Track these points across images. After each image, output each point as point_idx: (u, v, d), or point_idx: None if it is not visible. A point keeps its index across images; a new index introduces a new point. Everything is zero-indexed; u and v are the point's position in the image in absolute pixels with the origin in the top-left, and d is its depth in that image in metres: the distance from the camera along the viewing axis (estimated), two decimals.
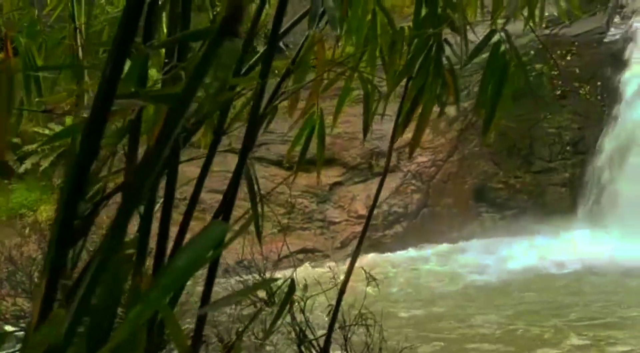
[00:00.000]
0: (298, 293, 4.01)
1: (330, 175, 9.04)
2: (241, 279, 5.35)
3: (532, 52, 9.90)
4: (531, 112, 9.97)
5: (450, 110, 10.44)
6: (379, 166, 9.29)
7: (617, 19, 9.95)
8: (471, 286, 6.91)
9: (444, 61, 1.32)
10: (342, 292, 1.62)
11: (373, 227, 8.93)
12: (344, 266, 7.17)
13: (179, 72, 0.72)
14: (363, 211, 8.81)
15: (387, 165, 4.30)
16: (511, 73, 1.29)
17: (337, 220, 8.81)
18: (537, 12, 1.60)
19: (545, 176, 9.91)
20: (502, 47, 1.19)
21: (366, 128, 1.64)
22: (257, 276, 5.31)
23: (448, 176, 9.61)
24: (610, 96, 9.57)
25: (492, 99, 1.28)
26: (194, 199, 1.04)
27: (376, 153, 9.39)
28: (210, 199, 9.08)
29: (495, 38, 1.22)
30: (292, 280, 1.21)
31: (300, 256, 8.21)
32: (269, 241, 8.83)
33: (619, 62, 9.51)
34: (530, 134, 10.05)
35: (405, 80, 1.45)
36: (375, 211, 9.87)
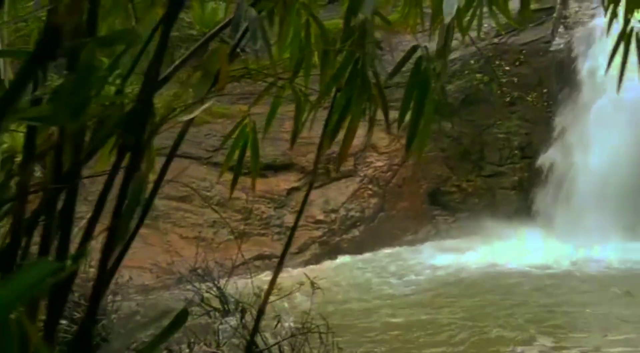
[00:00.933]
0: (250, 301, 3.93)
1: (287, 180, 8.99)
2: (195, 288, 5.19)
3: (481, 60, 10.28)
4: (482, 118, 10.32)
5: (407, 116, 10.52)
6: (336, 171, 9.31)
7: (561, 29, 10.44)
8: (423, 287, 6.99)
9: (375, 74, 1.32)
10: (261, 312, 1.59)
11: (331, 232, 8.94)
12: (300, 270, 7.09)
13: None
14: (320, 216, 8.81)
15: (315, 171, 4.29)
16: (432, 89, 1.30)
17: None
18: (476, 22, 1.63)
19: (496, 179, 10.24)
20: (423, 65, 1.21)
21: (294, 136, 1.66)
22: (211, 285, 5.18)
23: (403, 180, 9.76)
24: (555, 102, 10.01)
25: (413, 116, 1.28)
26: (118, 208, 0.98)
27: (334, 157, 9.41)
28: (164, 206, 8.78)
29: (418, 53, 1.23)
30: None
31: (258, 262, 8.09)
32: (224, 248, 8.69)
33: (563, 71, 9.97)
34: (482, 140, 10.37)
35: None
36: (333, 216, 9.85)
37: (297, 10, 1.41)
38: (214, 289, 5.06)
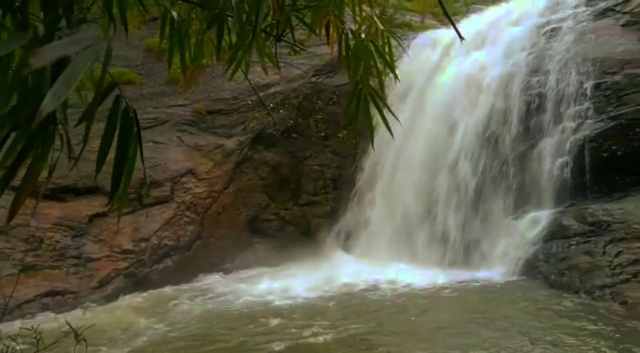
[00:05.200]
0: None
1: (91, 205, 8.01)
2: None
3: (300, 96, 10.92)
4: (300, 149, 10.89)
5: (228, 143, 10.54)
6: (149, 196, 8.68)
7: None
8: (228, 316, 6.69)
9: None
10: None
11: (140, 262, 8.22)
12: (100, 308, 6.27)
13: None
14: (129, 246, 8.03)
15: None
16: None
17: (96, 256, 7.79)
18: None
19: (311, 208, 10.81)
20: (122, 104, 1.20)
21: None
22: None
23: (223, 207, 9.60)
24: (364, 140, 11.08)
25: (117, 157, 1.25)
26: None
27: (147, 182, 8.77)
28: None
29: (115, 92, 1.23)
30: None
31: (47, 299, 6.94)
32: (5, 284, 7.25)
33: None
34: (299, 170, 10.89)
35: None
36: (143, 245, 9.09)
37: None
38: None
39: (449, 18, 1.86)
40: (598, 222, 7.36)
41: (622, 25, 8.95)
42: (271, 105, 10.48)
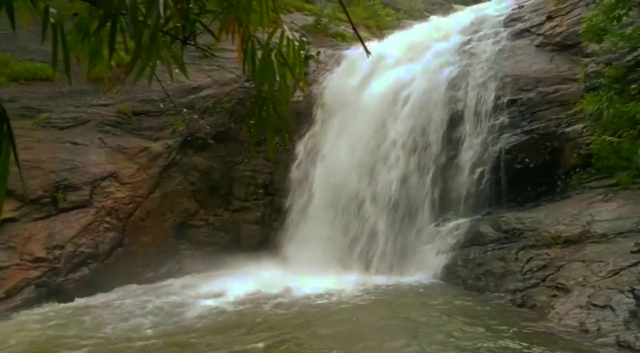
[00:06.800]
0: None
1: None
2: None
3: (233, 100, 10.78)
4: (232, 155, 10.73)
5: (155, 146, 10.19)
6: (66, 200, 8.16)
7: (301, 83, 11.82)
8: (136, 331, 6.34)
9: None
10: None
11: (53, 271, 7.69)
12: (8, 322, 5.79)
13: None
14: (41, 253, 7.49)
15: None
16: None
17: (4, 264, 7.20)
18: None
19: (241, 214, 10.65)
20: None
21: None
22: None
23: (147, 213, 9.22)
24: (296, 147, 11.13)
25: None
26: None
27: (64, 186, 8.25)
28: None
29: None
30: None
31: None
32: None
33: (302, 119, 11.24)
34: (230, 175, 10.72)
35: None
36: (57, 253, 8.55)
37: None
38: None
39: (356, 33, 1.91)
40: (512, 230, 7.84)
41: (537, 46, 9.68)
42: (199, 108, 10.25)
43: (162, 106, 10.14)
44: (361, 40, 1.87)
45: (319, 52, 12.24)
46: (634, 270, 5.84)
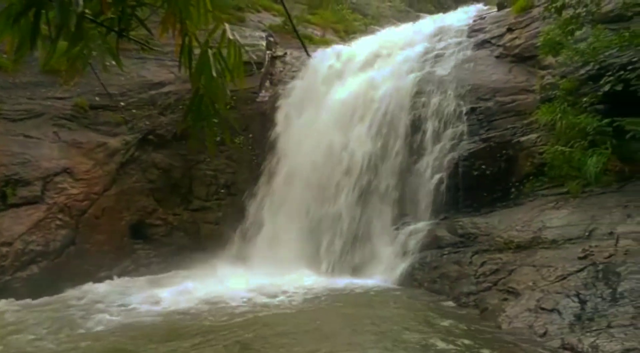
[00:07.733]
0: None
1: None
2: None
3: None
4: (193, 154, 10.54)
5: (113, 142, 9.89)
6: (16, 195, 7.83)
7: (267, 83, 11.76)
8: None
9: None
10: None
11: (0, 269, 7.36)
12: None
13: None
14: None
15: None
16: None
17: None
18: None
19: (202, 214, 10.48)
20: None
21: None
22: None
23: (102, 210, 8.95)
24: (260, 147, 11.04)
25: None
26: None
27: (14, 180, 7.92)
28: None
29: None
30: None
31: None
32: None
33: (267, 120, 11.17)
34: (191, 174, 10.54)
35: None
36: (4, 250, 8.22)
37: None
38: None
39: (299, 38, 1.90)
40: (467, 234, 8.02)
41: (497, 57, 9.95)
42: (160, 105, 10.04)
43: (121, 101, 9.88)
44: (302, 42, 1.85)
45: (285, 53, 12.21)
46: (580, 275, 6.06)
